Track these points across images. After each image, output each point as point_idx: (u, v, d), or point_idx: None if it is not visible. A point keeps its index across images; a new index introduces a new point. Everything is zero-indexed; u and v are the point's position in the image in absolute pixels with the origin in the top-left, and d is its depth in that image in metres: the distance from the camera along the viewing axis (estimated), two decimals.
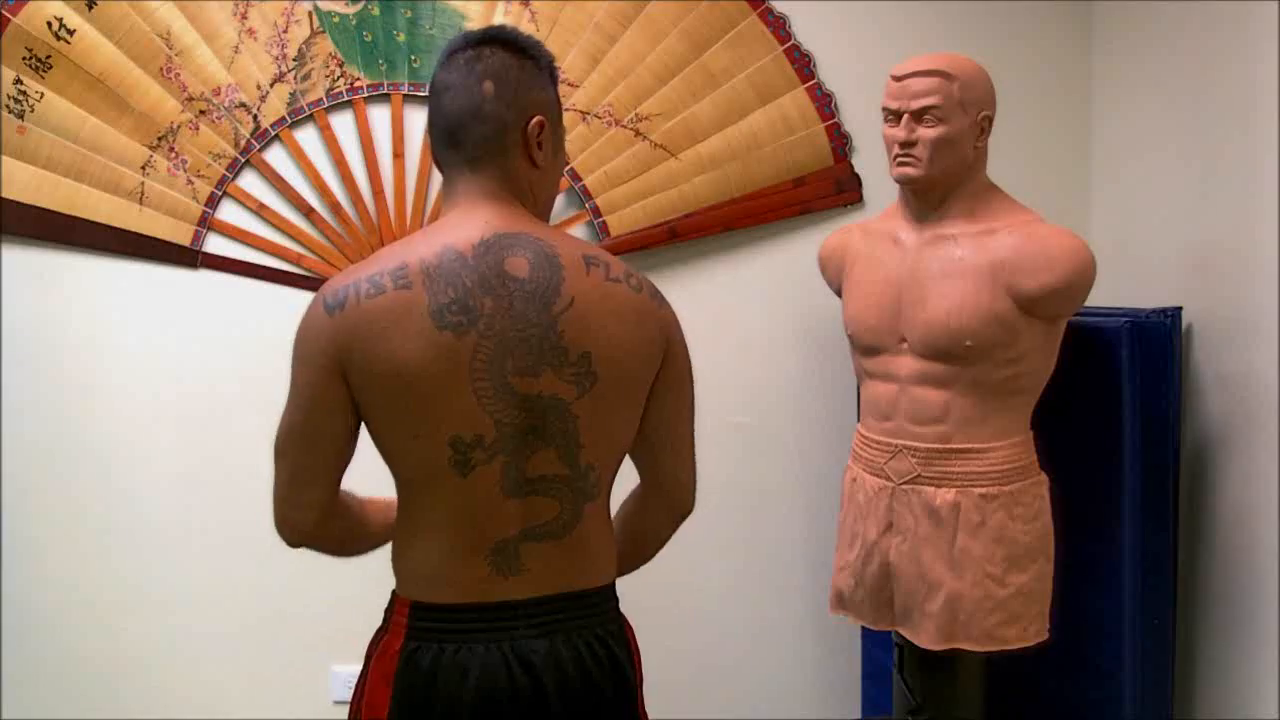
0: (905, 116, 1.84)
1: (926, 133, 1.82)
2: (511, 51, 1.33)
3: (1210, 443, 2.04)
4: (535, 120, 1.32)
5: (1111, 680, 2.02)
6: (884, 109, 1.89)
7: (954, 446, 1.86)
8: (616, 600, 1.42)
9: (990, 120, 1.87)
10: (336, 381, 1.29)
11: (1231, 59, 1.97)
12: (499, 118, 1.31)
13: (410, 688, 1.31)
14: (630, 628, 1.43)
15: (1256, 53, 1.87)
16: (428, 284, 1.26)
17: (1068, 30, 2.49)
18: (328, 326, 1.28)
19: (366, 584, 2.55)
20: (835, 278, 2.12)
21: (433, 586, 1.33)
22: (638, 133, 2.47)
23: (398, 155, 2.47)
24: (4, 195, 2.42)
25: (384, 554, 2.71)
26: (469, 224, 1.30)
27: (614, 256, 1.39)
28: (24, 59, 2.39)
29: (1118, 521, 1.98)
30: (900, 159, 1.86)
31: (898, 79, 1.86)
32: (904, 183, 1.90)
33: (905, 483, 1.90)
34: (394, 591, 1.39)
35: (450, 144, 1.33)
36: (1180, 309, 2.05)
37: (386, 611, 1.39)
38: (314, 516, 1.36)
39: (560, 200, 2.49)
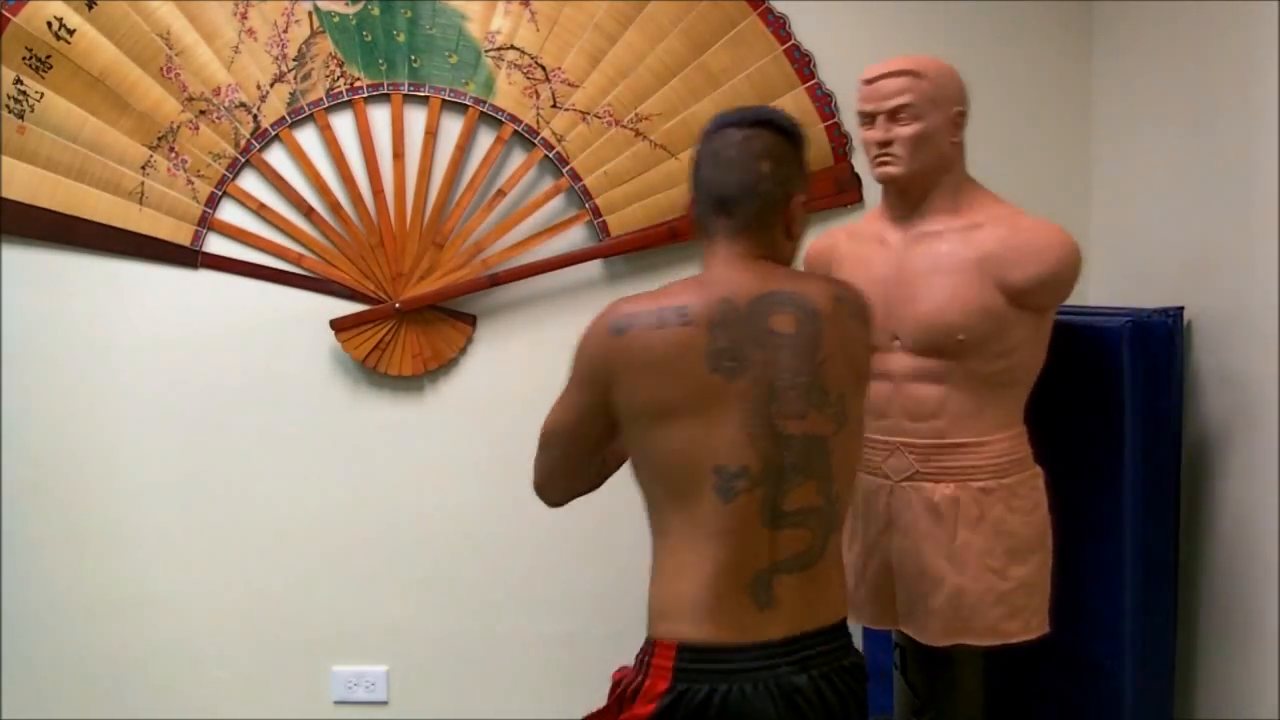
0: (880, 117, 1.86)
1: (902, 130, 1.84)
2: (781, 135, 1.47)
3: (1211, 442, 2.04)
4: (798, 200, 1.47)
5: (1111, 679, 2.01)
6: (859, 113, 1.90)
7: (951, 441, 1.86)
8: (849, 633, 1.52)
9: (964, 116, 1.88)
10: (607, 397, 1.43)
11: (1232, 59, 1.97)
12: (771, 195, 1.45)
13: None
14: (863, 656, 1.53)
15: (1257, 53, 1.87)
16: (709, 327, 1.38)
17: (1068, 31, 2.49)
18: (608, 347, 1.41)
19: (367, 584, 2.57)
20: None
21: (700, 625, 1.39)
22: (638, 133, 2.47)
23: (398, 155, 2.47)
24: (4, 195, 2.42)
25: (380, 553, 2.69)
26: (740, 281, 1.43)
27: (849, 285, 1.54)
28: (24, 59, 2.39)
29: (1118, 521, 1.98)
30: (880, 159, 1.88)
31: (869, 82, 1.88)
32: (886, 181, 1.91)
33: (903, 480, 1.90)
34: (651, 637, 1.44)
35: (721, 211, 1.46)
36: (1181, 308, 2.05)
37: (642, 656, 1.43)
38: (566, 499, 1.57)
39: (559, 200, 2.50)
